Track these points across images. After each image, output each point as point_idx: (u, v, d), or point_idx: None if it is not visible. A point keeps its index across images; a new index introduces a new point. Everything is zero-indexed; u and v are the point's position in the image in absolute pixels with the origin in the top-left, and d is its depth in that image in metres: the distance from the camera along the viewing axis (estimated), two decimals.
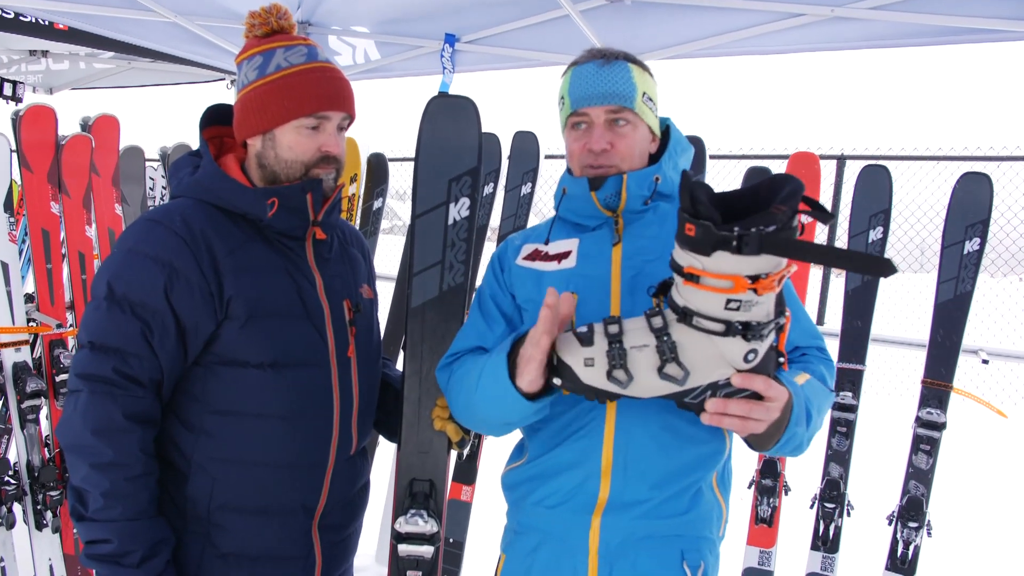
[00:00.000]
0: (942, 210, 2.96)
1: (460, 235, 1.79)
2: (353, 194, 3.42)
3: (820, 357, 1.53)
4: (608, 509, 1.43)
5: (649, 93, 1.53)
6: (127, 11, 3.41)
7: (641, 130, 1.52)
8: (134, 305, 1.42)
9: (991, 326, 6.85)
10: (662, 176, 1.52)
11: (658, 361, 1.23)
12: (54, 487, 2.86)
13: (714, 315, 1.18)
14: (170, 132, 4.85)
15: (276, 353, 1.50)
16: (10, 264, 2.84)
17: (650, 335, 1.24)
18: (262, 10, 1.55)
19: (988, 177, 2.91)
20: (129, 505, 1.40)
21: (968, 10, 2.68)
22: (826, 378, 1.49)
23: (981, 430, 5.46)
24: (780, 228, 1.10)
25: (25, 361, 2.86)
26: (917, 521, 2.91)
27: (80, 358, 1.43)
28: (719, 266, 1.13)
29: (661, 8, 3.06)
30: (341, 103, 1.53)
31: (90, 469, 1.39)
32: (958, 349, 2.92)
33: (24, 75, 5.38)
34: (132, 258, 1.45)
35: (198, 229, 1.46)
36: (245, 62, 1.55)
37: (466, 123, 1.77)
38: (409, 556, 1.77)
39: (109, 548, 1.39)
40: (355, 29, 3.77)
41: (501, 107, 54.56)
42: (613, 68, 1.50)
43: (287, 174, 1.53)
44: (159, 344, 1.43)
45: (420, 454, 1.78)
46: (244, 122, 1.54)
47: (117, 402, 1.40)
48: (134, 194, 3.66)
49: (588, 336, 1.27)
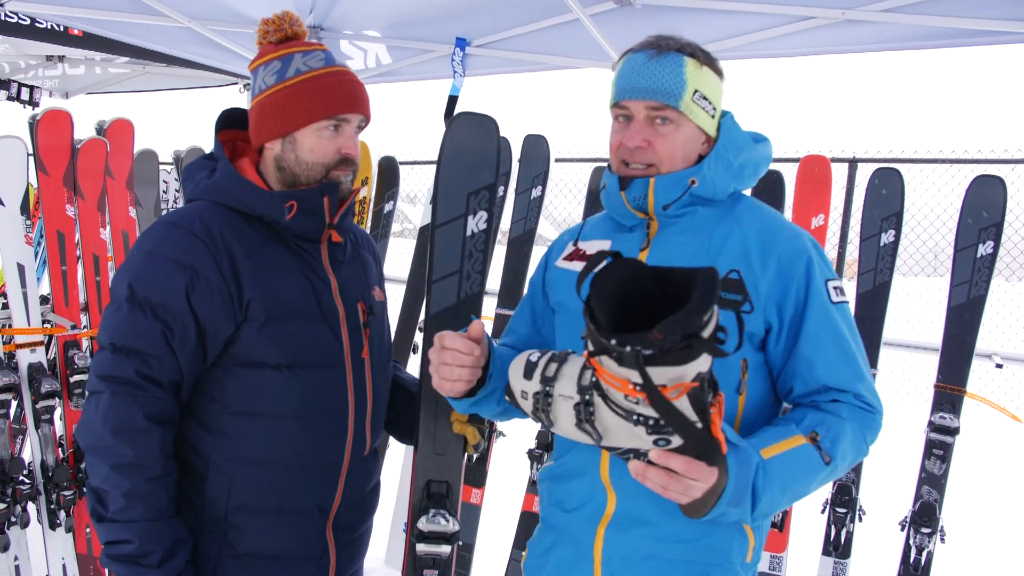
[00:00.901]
0: (956, 213, 2.94)
1: (477, 246, 1.85)
2: (364, 197, 3.43)
3: (856, 408, 1.38)
4: (614, 522, 1.41)
5: (704, 91, 1.42)
6: (142, 16, 3.44)
7: (686, 130, 1.42)
8: (155, 307, 1.43)
9: (1006, 330, 6.78)
10: (701, 179, 1.42)
11: (574, 418, 1.24)
12: (67, 487, 2.89)
13: (618, 402, 1.16)
14: (184, 136, 4.90)
15: (293, 354, 1.52)
16: (26, 266, 2.88)
17: (575, 389, 1.23)
18: (275, 17, 1.57)
19: (1002, 180, 2.89)
20: (149, 505, 1.41)
21: (978, 12, 2.66)
22: (840, 443, 1.33)
23: (995, 435, 5.41)
24: (663, 351, 1.04)
25: (40, 362, 2.89)
26: (930, 527, 2.88)
27: (101, 359, 1.45)
28: (608, 366, 1.11)
29: (671, 12, 3.06)
30: (359, 106, 1.56)
31: (111, 470, 1.40)
32: (971, 353, 2.90)
33: (41, 80, 5.43)
34: (153, 260, 1.46)
35: (217, 232, 1.48)
36: (262, 67, 1.56)
37: (486, 139, 1.84)
38: (427, 555, 1.81)
39: (130, 548, 1.41)
40: (367, 33, 3.79)
41: (512, 111, 54.57)
42: (663, 60, 1.40)
43: (307, 176, 1.55)
44: (179, 346, 1.44)
45: (437, 456, 1.83)
46: (263, 126, 1.55)
47: (138, 403, 1.42)
48: (148, 197, 3.69)
49: (531, 369, 1.29)
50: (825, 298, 1.41)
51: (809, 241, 1.45)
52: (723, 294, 1.37)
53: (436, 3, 3.43)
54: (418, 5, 3.45)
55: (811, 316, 1.40)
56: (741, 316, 1.16)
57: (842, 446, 1.34)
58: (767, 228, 1.44)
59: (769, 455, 1.29)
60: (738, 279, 1.38)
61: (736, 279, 1.38)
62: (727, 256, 1.41)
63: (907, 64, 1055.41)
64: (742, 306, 1.37)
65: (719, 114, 1.48)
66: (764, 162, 1.53)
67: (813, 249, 1.44)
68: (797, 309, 1.40)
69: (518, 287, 3.40)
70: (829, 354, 1.39)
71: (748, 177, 1.51)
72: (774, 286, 1.39)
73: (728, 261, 1.40)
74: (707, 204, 1.45)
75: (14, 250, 2.85)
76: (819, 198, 3.09)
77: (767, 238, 1.42)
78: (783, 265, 1.40)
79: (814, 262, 1.42)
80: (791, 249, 1.41)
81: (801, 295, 1.40)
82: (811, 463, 1.32)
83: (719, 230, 1.43)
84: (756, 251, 1.41)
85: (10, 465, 2.75)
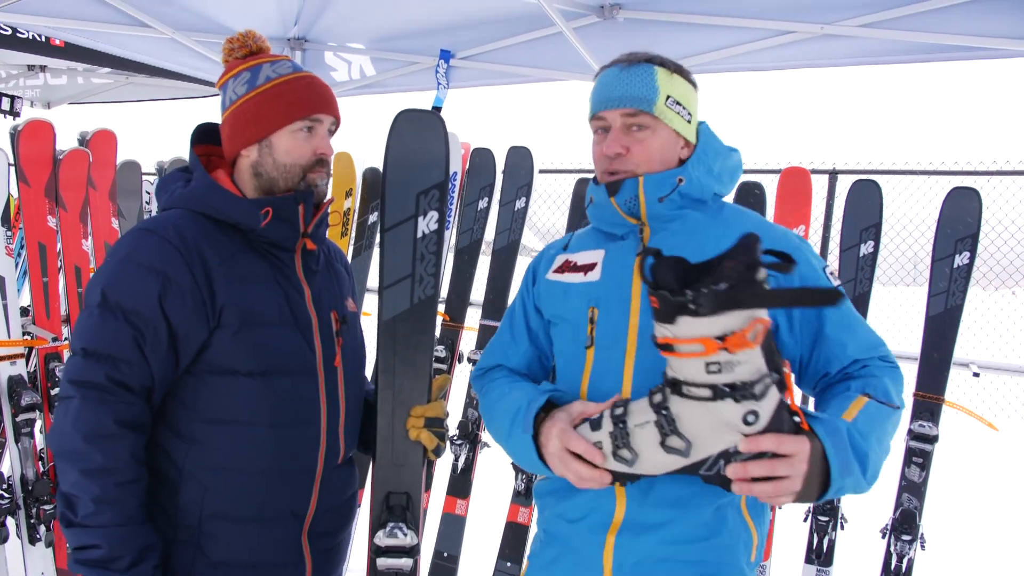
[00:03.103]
0: (934, 223, 2.99)
1: (429, 248, 1.80)
2: (348, 208, 3.44)
3: (883, 366, 1.44)
4: (623, 528, 1.41)
5: (677, 96, 1.46)
6: (126, 27, 3.43)
7: (663, 135, 1.46)
8: (127, 312, 1.44)
9: (983, 339, 6.87)
10: (687, 178, 1.46)
11: (659, 436, 1.23)
12: (48, 501, 2.86)
13: (698, 380, 1.17)
14: (167, 147, 4.88)
15: (266, 362, 1.52)
16: (6, 277, 2.85)
17: (651, 411, 1.24)
18: (239, 35, 1.63)
19: (976, 192, 2.94)
20: (119, 511, 1.41)
21: (955, 28, 2.72)
22: (890, 392, 1.39)
23: (973, 443, 5.48)
24: (734, 284, 1.10)
25: (20, 374, 2.86)
26: (910, 534, 2.91)
27: (72, 364, 1.45)
28: (686, 331, 1.14)
29: (653, 25, 3.10)
30: (330, 107, 1.61)
31: (80, 475, 1.40)
32: (949, 362, 2.93)
33: (22, 90, 5.40)
34: (126, 266, 1.47)
35: (191, 238, 1.49)
36: (231, 80, 1.61)
37: (433, 137, 1.78)
38: (389, 569, 1.78)
39: (98, 553, 1.40)
40: (351, 45, 3.81)
41: (495, 122, 54.77)
42: (633, 71, 1.46)
43: (285, 179, 1.58)
44: (151, 351, 1.45)
45: (395, 467, 1.78)
46: (239, 134, 1.58)
47: (108, 408, 1.42)
48: (131, 208, 3.67)
49: (597, 422, 1.29)
50: (828, 283, 1.47)
51: (797, 237, 1.53)
52: None
53: (420, 16, 3.45)
54: (403, 18, 3.47)
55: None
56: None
57: (893, 393, 1.40)
58: (757, 229, 1.45)
59: (851, 417, 1.31)
60: None
61: None
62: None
63: (885, 78, 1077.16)
64: None
65: (696, 121, 1.52)
66: (738, 170, 1.59)
67: (802, 243, 1.51)
68: None
69: (503, 298, 3.41)
70: (855, 331, 1.45)
71: (726, 183, 1.55)
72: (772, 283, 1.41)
73: None
74: (696, 207, 1.48)
75: None
76: (800, 209, 3.12)
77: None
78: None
79: (807, 254, 1.48)
80: (784, 246, 1.40)
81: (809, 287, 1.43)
82: (886, 413, 1.36)
83: (711, 233, 1.45)
84: None
85: None
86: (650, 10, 3.06)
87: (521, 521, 3.27)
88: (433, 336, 1.81)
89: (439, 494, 3.44)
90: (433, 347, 1.82)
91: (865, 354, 1.44)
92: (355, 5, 3.43)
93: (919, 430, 2.93)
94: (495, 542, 3.31)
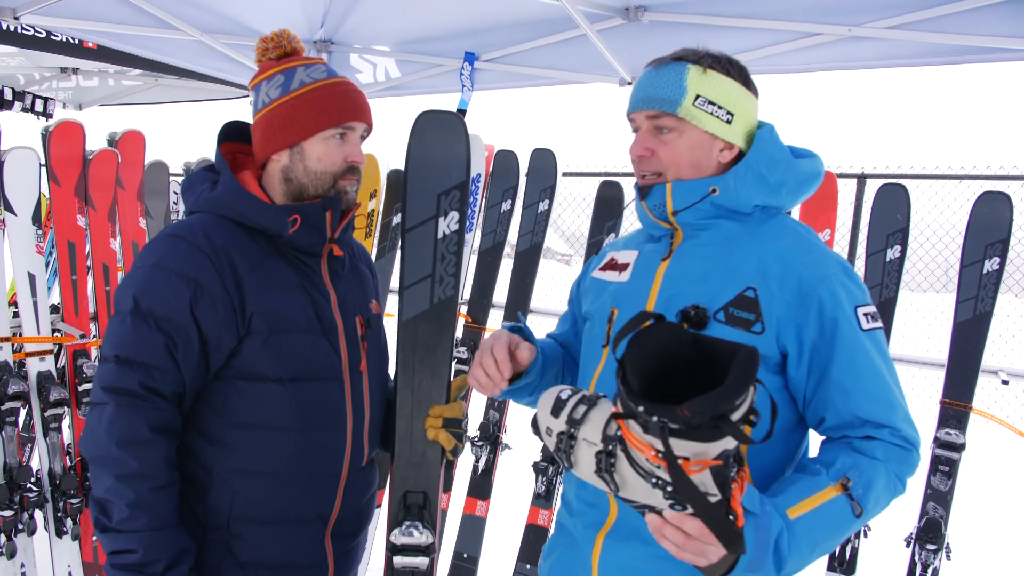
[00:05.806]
0: (964, 229, 2.95)
1: (450, 248, 1.80)
2: (373, 210, 3.46)
3: (892, 450, 1.32)
4: (613, 531, 1.41)
5: (711, 95, 1.39)
6: (155, 30, 3.48)
7: (691, 136, 1.40)
8: (159, 320, 1.45)
9: (1015, 347, 6.75)
10: (723, 188, 1.39)
11: (594, 465, 1.22)
12: (75, 495, 2.90)
13: (639, 462, 1.14)
14: (194, 148, 4.94)
15: (294, 368, 1.53)
16: (37, 275, 2.90)
17: (599, 437, 1.22)
18: (274, 35, 1.61)
19: (1008, 196, 2.90)
20: (153, 515, 1.43)
21: (983, 29, 2.67)
22: (872, 492, 1.29)
23: (1001, 451, 5.38)
24: (690, 427, 1.03)
25: (49, 370, 2.91)
26: (935, 543, 2.87)
27: (105, 371, 1.46)
28: (634, 429, 1.11)
29: (678, 27, 3.08)
30: (363, 114, 1.60)
31: (115, 480, 1.41)
32: (977, 369, 2.89)
33: (55, 92, 5.49)
34: (157, 273, 1.48)
35: (220, 245, 1.50)
36: (264, 82, 1.59)
37: (454, 138, 1.78)
38: (404, 568, 1.80)
39: (134, 558, 1.42)
40: (376, 48, 3.83)
41: (519, 125, 54.80)
42: (663, 70, 1.42)
43: (316, 186, 1.57)
44: (183, 358, 1.46)
45: (413, 466, 1.79)
46: (271, 138, 1.57)
47: (142, 415, 1.43)
48: (158, 208, 3.72)
49: (560, 407, 1.28)
50: (854, 324, 1.35)
51: (838, 265, 1.40)
52: (736, 312, 1.36)
53: (445, 19, 3.46)
54: (427, 21, 3.48)
55: (840, 343, 1.34)
56: (775, 402, 1.14)
57: (875, 493, 1.30)
58: (793, 248, 1.40)
59: (797, 514, 1.25)
60: (754, 298, 1.36)
61: (752, 297, 1.36)
62: (745, 274, 1.38)
63: (914, 80, 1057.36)
64: (753, 326, 1.35)
65: (745, 121, 1.44)
66: (810, 180, 1.47)
67: (842, 273, 1.39)
68: (822, 335, 1.35)
69: (526, 300, 3.41)
70: (863, 383, 1.34)
71: (787, 195, 1.46)
72: (792, 308, 1.35)
73: (745, 279, 1.37)
74: (733, 218, 1.42)
75: (25, 259, 2.88)
76: (825, 214, 3.09)
77: (790, 259, 1.38)
78: (804, 287, 1.35)
79: (840, 286, 1.36)
80: (814, 272, 1.36)
81: (826, 321, 1.35)
82: (841, 517, 1.28)
83: (742, 247, 1.40)
84: (776, 271, 1.37)
85: (18, 472, 2.76)
86: (675, 12, 3.04)
87: (541, 523, 3.26)
88: (452, 336, 1.83)
89: (460, 496, 3.44)
90: (452, 347, 1.83)
91: (874, 418, 1.33)
92: (380, 8, 3.45)
93: (946, 438, 2.89)
94: (515, 544, 3.31)
